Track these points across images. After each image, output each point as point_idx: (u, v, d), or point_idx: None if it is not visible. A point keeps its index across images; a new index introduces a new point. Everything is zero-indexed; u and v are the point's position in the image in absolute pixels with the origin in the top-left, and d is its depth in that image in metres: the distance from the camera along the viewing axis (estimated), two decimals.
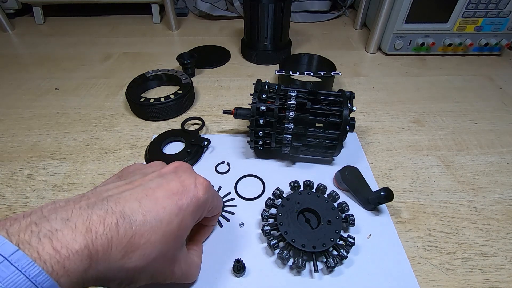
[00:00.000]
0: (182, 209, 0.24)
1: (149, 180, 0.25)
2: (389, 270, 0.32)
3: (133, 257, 0.20)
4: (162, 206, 0.23)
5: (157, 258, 0.22)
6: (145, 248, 0.21)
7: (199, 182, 0.26)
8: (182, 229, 0.24)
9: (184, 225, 0.24)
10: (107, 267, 0.19)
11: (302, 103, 0.38)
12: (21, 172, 0.43)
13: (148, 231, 0.21)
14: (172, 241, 0.23)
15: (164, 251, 0.23)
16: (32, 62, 0.68)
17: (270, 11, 0.60)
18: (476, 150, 0.47)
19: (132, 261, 0.20)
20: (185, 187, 0.25)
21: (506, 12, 0.62)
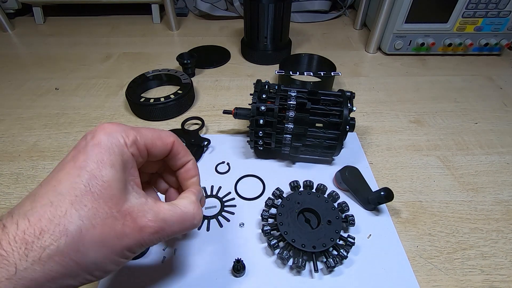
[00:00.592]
0: (83, 167, 0.20)
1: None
2: (389, 270, 0.32)
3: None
4: (58, 181, 0.20)
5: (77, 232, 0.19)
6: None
7: (94, 132, 0.22)
8: (95, 186, 0.20)
9: (97, 179, 0.20)
10: None
11: (302, 103, 0.38)
12: (21, 172, 0.43)
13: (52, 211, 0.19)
14: (91, 201, 0.20)
15: (89, 217, 0.19)
16: (32, 62, 0.68)
17: (270, 11, 0.60)
18: (476, 150, 0.47)
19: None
20: (78, 149, 0.22)
21: (506, 12, 0.62)
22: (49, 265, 0.18)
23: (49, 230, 0.18)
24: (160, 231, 0.23)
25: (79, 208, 0.19)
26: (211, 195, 0.40)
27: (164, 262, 0.33)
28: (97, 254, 0.20)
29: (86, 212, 0.19)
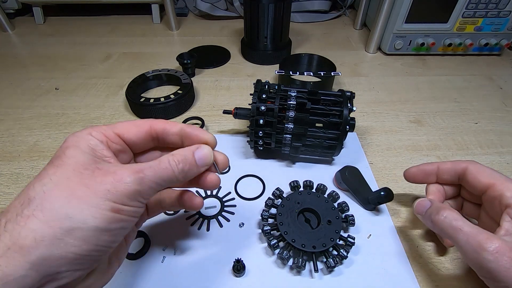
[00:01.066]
0: (52, 161, 0.21)
1: None
2: (389, 270, 0.32)
3: None
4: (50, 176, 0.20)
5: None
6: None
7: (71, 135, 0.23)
8: (81, 166, 0.20)
9: (80, 164, 0.21)
10: None
11: (302, 103, 0.38)
12: (21, 172, 0.43)
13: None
14: (76, 178, 0.20)
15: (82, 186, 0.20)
16: (32, 62, 0.68)
17: (270, 11, 0.60)
18: (476, 150, 0.47)
19: None
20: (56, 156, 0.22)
21: (506, 12, 0.62)
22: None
23: (15, 205, 0.19)
24: (139, 172, 0.21)
25: (42, 178, 0.20)
26: (211, 195, 0.40)
27: (164, 262, 0.33)
28: (74, 207, 0.19)
29: (47, 178, 0.20)
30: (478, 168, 0.30)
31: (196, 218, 0.37)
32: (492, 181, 0.29)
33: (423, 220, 0.31)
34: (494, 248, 0.24)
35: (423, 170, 0.34)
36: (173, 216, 0.37)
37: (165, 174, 0.22)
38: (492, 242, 0.24)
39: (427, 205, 0.31)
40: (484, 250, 0.24)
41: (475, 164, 0.31)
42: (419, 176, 0.34)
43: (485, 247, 0.24)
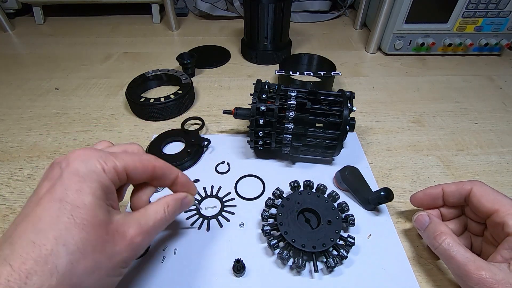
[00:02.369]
0: (63, 198, 0.20)
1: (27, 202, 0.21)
2: (389, 270, 0.32)
3: None
4: (38, 216, 0.19)
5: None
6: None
7: (69, 157, 0.22)
8: (80, 216, 0.20)
9: (80, 209, 0.20)
10: None
11: (302, 103, 0.38)
12: (21, 172, 0.43)
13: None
14: (79, 232, 0.19)
15: (82, 247, 0.19)
16: (32, 62, 0.68)
17: (270, 11, 0.60)
18: (476, 150, 0.47)
19: None
20: (54, 180, 0.21)
21: (506, 12, 0.62)
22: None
23: (37, 271, 0.17)
24: (147, 236, 0.24)
25: (66, 242, 0.19)
26: (211, 195, 0.40)
27: (164, 262, 0.33)
28: (92, 280, 0.20)
29: (74, 245, 0.19)
30: (482, 191, 0.30)
31: (196, 218, 0.37)
32: (496, 207, 0.29)
33: (421, 235, 0.33)
34: (480, 279, 0.26)
35: (429, 194, 0.34)
36: None
37: (163, 222, 0.27)
38: (479, 273, 0.26)
39: (426, 221, 0.32)
40: (470, 279, 0.26)
41: (479, 186, 0.31)
42: (426, 201, 0.34)
43: (472, 277, 0.26)
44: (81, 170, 0.21)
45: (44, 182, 0.22)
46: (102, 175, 0.22)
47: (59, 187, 0.20)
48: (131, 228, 0.23)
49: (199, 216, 0.37)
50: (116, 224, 0.22)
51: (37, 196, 0.21)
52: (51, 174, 0.22)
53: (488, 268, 0.26)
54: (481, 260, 0.27)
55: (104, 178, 0.22)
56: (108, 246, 0.21)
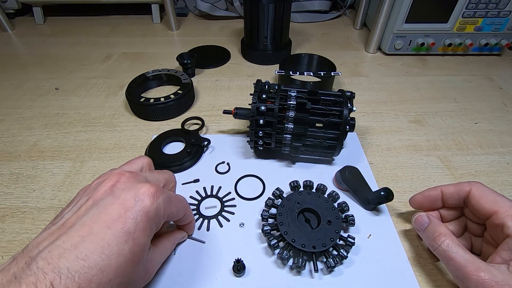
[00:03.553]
0: (130, 232, 0.22)
1: (83, 215, 0.22)
2: (389, 270, 0.32)
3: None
4: (106, 242, 0.21)
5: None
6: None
7: (142, 192, 0.23)
8: (137, 253, 0.23)
9: (139, 247, 0.23)
10: None
11: (302, 103, 0.38)
12: (21, 172, 0.43)
13: (97, 274, 0.20)
14: (131, 268, 0.22)
15: (125, 281, 0.22)
16: (32, 62, 0.68)
17: (270, 11, 0.60)
18: (476, 150, 0.47)
19: None
20: (126, 208, 0.22)
21: (506, 12, 0.62)
22: None
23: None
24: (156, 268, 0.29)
25: (121, 275, 0.21)
26: (211, 195, 0.40)
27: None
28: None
29: (124, 278, 0.22)
30: (481, 193, 0.30)
31: (196, 218, 0.37)
32: (495, 208, 0.29)
33: (421, 236, 0.33)
34: (478, 281, 0.26)
35: (428, 197, 0.34)
36: None
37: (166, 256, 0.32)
38: (478, 275, 0.26)
39: (425, 222, 0.32)
40: (469, 281, 0.26)
41: (478, 187, 0.31)
42: (425, 203, 0.34)
43: (470, 279, 0.26)
44: (151, 212, 0.23)
45: (115, 204, 0.23)
46: (161, 220, 0.25)
47: (130, 220, 0.22)
48: (153, 266, 0.27)
49: (199, 216, 0.37)
50: (148, 262, 0.25)
51: (107, 215, 0.22)
52: (125, 200, 0.23)
53: (487, 269, 0.26)
54: (480, 262, 0.27)
55: (160, 222, 0.25)
56: (140, 281, 0.25)
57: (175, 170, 0.42)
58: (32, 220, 0.37)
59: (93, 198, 0.23)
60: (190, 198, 0.39)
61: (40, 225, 0.36)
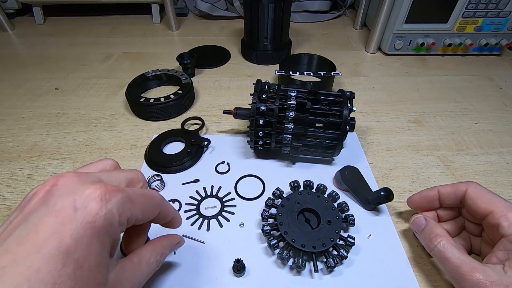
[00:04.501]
0: (70, 253, 0.17)
1: (8, 236, 0.17)
2: (389, 270, 0.32)
3: None
4: (33, 270, 0.16)
5: None
6: None
7: (86, 196, 0.18)
8: (85, 278, 0.17)
9: (86, 270, 0.17)
10: None
11: (302, 103, 0.38)
12: (21, 172, 0.43)
13: None
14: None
15: None
16: (32, 62, 0.68)
17: (270, 11, 0.60)
18: (476, 150, 0.47)
19: None
20: (63, 219, 0.17)
21: (506, 12, 0.62)
22: None
23: None
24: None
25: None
26: (211, 195, 0.40)
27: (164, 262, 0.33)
28: None
29: None
30: (477, 193, 0.30)
31: (196, 218, 0.37)
32: (491, 208, 0.29)
33: (418, 237, 0.33)
34: (474, 281, 0.26)
35: (425, 197, 0.34)
36: None
37: (151, 274, 0.26)
38: (473, 275, 0.26)
39: (422, 224, 0.32)
40: (465, 281, 0.26)
41: (474, 187, 0.31)
42: (422, 203, 0.35)
43: (465, 279, 0.26)
44: (98, 222, 0.18)
45: (49, 216, 0.18)
46: (116, 229, 0.20)
47: (67, 232, 0.17)
48: (123, 286, 0.21)
49: (199, 216, 0.37)
50: (111, 282, 0.20)
51: (34, 231, 0.17)
52: (61, 208, 0.18)
53: (482, 269, 0.26)
54: (475, 262, 0.27)
55: (117, 233, 0.20)
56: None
57: (175, 170, 0.42)
58: None
59: (24, 212, 0.18)
60: (190, 198, 0.39)
61: None
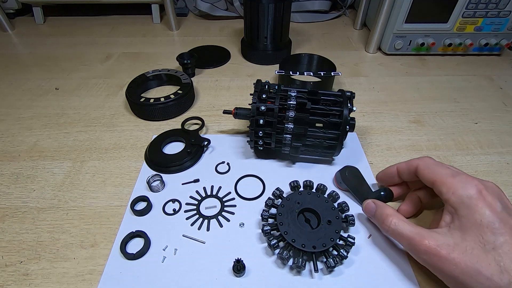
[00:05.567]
0: None
1: None
2: (389, 270, 0.32)
3: None
4: None
5: None
6: None
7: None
8: None
9: None
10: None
11: (302, 103, 0.38)
12: (21, 172, 0.43)
13: None
14: None
15: None
16: (32, 62, 0.68)
17: (270, 11, 0.60)
18: (476, 150, 0.47)
19: None
20: None
21: (506, 12, 0.62)
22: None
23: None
24: None
25: None
26: (211, 195, 0.40)
27: (164, 262, 0.33)
28: None
29: None
30: (424, 166, 0.33)
31: (196, 218, 0.37)
32: (435, 178, 0.31)
33: (373, 222, 0.35)
34: (425, 249, 0.28)
35: (387, 173, 0.38)
36: (173, 216, 0.37)
37: None
38: (423, 243, 0.28)
39: (373, 208, 0.35)
40: (418, 251, 0.29)
41: (424, 160, 0.33)
42: (384, 178, 0.38)
43: (419, 249, 0.28)
44: None
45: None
46: None
47: None
48: None
49: (199, 216, 0.37)
50: None
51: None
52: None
53: (430, 235, 0.28)
54: (424, 231, 0.29)
55: None
56: None
57: (175, 170, 0.42)
58: (32, 220, 0.37)
59: None
60: (190, 198, 0.39)
61: (40, 225, 0.36)
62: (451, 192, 0.29)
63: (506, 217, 0.27)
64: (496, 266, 0.25)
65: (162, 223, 0.37)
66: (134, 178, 0.42)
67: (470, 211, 0.27)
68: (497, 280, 0.25)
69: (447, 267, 0.27)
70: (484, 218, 0.27)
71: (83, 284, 0.31)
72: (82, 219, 0.37)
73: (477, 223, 0.27)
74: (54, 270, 0.32)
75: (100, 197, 0.39)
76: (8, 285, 0.31)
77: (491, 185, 0.29)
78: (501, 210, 0.27)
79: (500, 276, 0.25)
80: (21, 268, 0.32)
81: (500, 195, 0.29)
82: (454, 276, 0.27)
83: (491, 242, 0.26)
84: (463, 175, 0.30)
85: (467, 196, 0.28)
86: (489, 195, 0.28)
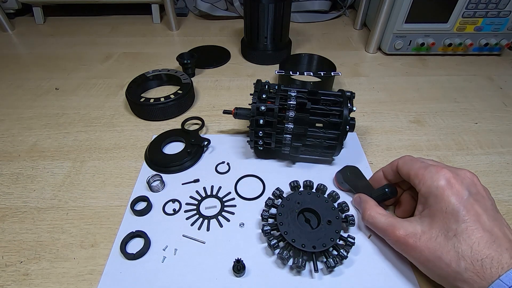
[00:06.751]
0: None
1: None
2: (389, 270, 0.32)
3: None
4: None
5: None
6: None
7: None
8: None
9: None
10: None
11: (302, 103, 0.38)
12: (21, 172, 0.43)
13: None
14: None
15: None
16: (32, 62, 0.68)
17: (270, 11, 0.60)
18: (476, 150, 0.47)
19: None
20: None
21: (506, 12, 0.62)
22: None
23: None
24: None
25: None
26: (211, 195, 0.40)
27: (164, 262, 0.33)
28: None
29: None
30: (403, 163, 0.34)
31: (196, 218, 0.37)
32: (409, 173, 0.32)
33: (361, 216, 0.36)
34: (397, 239, 0.30)
35: (375, 178, 0.39)
36: (173, 216, 0.37)
37: None
38: (395, 233, 0.30)
39: (358, 202, 0.37)
40: (393, 242, 0.31)
41: (403, 158, 0.34)
42: (374, 184, 0.39)
43: (392, 239, 0.31)
44: None
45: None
46: None
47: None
48: None
49: (199, 216, 0.37)
50: None
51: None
52: None
53: (401, 225, 0.30)
54: (396, 221, 0.31)
55: None
56: None
57: (175, 170, 0.42)
58: (32, 220, 0.37)
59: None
60: (190, 198, 0.39)
61: (40, 225, 0.36)
62: (422, 183, 0.30)
63: (471, 204, 0.27)
64: (454, 252, 0.26)
65: (162, 223, 0.37)
66: (134, 178, 0.42)
67: (437, 200, 0.28)
68: (455, 266, 0.26)
69: (414, 255, 0.29)
70: (449, 206, 0.28)
71: (83, 284, 0.31)
72: (82, 219, 0.37)
73: (443, 211, 0.28)
74: (54, 270, 0.32)
75: (100, 197, 0.39)
76: (8, 285, 0.31)
77: (463, 173, 0.30)
78: (468, 197, 0.28)
79: (457, 262, 0.26)
80: (21, 268, 0.32)
81: (472, 182, 0.29)
82: (420, 262, 0.29)
83: (453, 230, 0.27)
84: (435, 167, 0.30)
85: (435, 186, 0.29)
86: (457, 183, 0.28)
